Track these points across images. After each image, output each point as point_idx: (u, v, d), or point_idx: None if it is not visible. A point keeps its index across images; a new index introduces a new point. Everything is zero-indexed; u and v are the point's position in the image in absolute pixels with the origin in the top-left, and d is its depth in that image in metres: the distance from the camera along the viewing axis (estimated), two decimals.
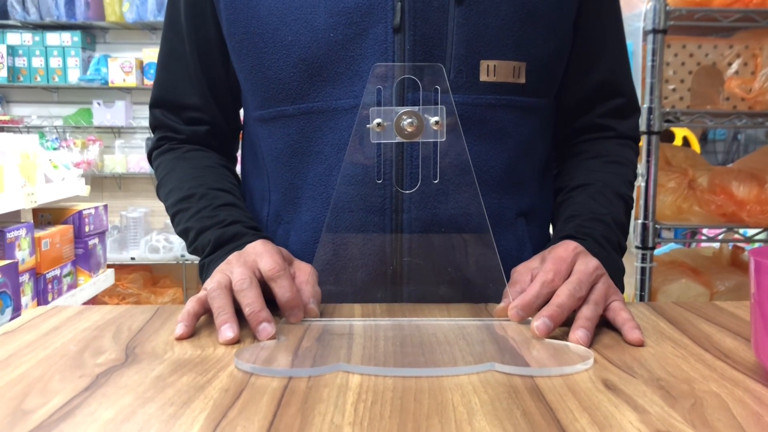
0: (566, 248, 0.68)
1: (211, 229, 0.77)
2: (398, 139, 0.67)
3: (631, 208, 0.84)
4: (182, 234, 0.81)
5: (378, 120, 0.66)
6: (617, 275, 0.74)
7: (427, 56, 0.74)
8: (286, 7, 0.75)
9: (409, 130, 0.66)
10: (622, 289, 0.75)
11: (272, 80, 0.78)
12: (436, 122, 0.66)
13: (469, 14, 0.74)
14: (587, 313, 0.63)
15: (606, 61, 0.85)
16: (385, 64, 0.72)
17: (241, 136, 0.94)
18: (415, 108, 0.67)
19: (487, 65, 0.75)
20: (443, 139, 0.67)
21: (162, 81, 0.89)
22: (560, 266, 0.66)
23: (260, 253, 0.68)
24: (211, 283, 0.66)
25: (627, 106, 0.88)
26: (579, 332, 0.60)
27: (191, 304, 0.65)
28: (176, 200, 0.82)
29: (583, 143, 0.89)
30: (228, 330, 0.61)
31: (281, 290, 0.65)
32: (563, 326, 0.64)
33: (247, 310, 0.63)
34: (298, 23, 0.75)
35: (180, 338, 0.61)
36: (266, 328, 0.61)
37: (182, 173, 0.85)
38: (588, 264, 0.66)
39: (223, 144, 0.91)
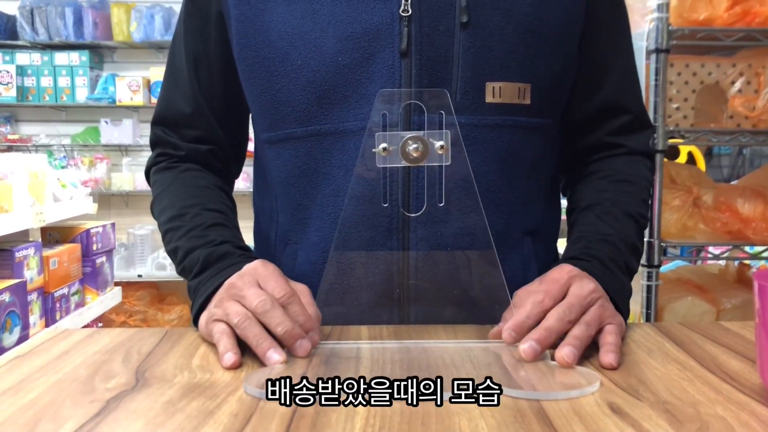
0: (561, 271, 0.69)
1: (200, 249, 0.76)
2: (404, 164, 0.68)
3: (644, 226, 0.83)
4: (171, 253, 0.80)
5: (384, 144, 0.67)
6: (622, 298, 0.74)
7: (434, 79, 0.75)
8: (297, 32, 0.77)
9: (415, 155, 0.67)
10: (627, 311, 0.74)
11: (281, 103, 0.79)
12: (441, 146, 0.67)
13: (474, 37, 0.75)
14: (576, 332, 0.63)
15: (611, 80, 0.85)
16: (390, 90, 0.73)
17: (248, 156, 0.94)
18: (421, 133, 0.67)
19: (493, 87, 0.76)
20: (448, 163, 0.68)
21: (163, 97, 0.90)
22: (552, 288, 0.66)
23: (264, 276, 0.68)
24: (227, 313, 0.65)
25: (635, 122, 0.87)
26: (565, 349, 0.60)
27: (226, 336, 0.64)
28: (168, 218, 0.82)
29: (594, 163, 0.88)
30: (275, 354, 0.61)
31: (294, 315, 0.64)
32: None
33: (279, 330, 0.62)
34: (307, 48, 0.76)
35: (233, 367, 0.61)
36: (303, 343, 0.62)
37: (177, 191, 0.85)
38: (583, 287, 0.67)
39: (223, 165, 0.91)
